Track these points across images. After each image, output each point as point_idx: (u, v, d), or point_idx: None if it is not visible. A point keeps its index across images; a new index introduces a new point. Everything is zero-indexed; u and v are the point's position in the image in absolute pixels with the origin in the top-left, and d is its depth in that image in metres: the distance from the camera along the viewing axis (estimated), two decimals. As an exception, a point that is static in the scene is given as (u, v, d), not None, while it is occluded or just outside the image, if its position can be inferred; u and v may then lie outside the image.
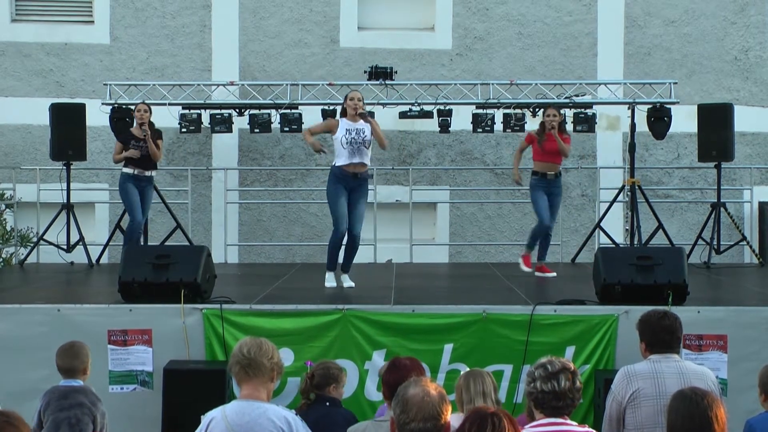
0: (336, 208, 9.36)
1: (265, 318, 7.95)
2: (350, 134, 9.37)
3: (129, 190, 10.78)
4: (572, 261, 12.85)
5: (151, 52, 14.26)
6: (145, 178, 10.87)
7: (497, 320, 7.89)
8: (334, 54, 14.33)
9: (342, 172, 9.33)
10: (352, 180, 9.35)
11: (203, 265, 8.18)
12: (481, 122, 12.73)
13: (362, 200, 9.43)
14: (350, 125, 9.41)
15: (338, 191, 9.34)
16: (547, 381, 4.29)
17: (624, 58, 14.36)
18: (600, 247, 10.94)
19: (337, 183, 9.35)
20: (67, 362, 6.15)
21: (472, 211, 14.34)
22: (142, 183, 10.86)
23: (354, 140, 9.35)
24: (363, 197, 9.44)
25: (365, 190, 9.49)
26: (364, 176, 9.43)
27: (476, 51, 14.37)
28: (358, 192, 9.40)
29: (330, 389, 6.38)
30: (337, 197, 9.34)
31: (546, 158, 10.59)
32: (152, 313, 7.93)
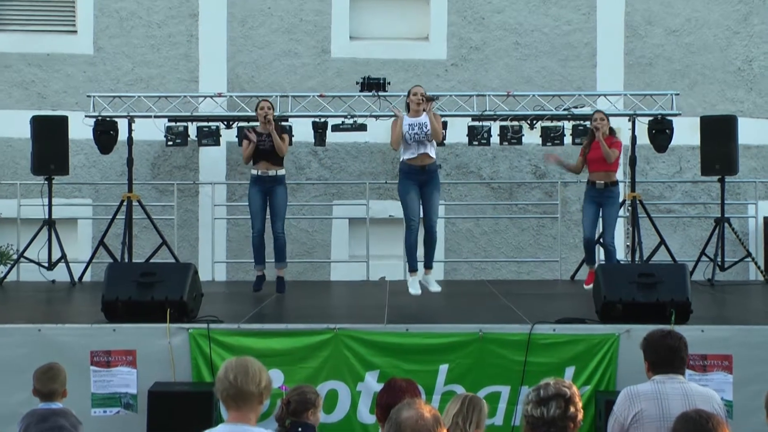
0: (406, 202, 9.60)
1: (253, 338, 7.93)
2: (413, 129, 9.64)
3: (251, 196, 10.56)
4: (571, 278, 12.83)
5: (136, 63, 14.26)
6: (269, 179, 10.54)
7: (494, 340, 7.87)
8: (325, 65, 14.34)
9: (410, 168, 9.60)
10: (421, 173, 9.59)
11: (190, 283, 8.16)
12: (477, 135, 12.72)
13: (435, 192, 9.70)
14: (412, 120, 9.68)
15: (408, 187, 9.62)
16: (538, 407, 4.28)
17: (624, 68, 14.39)
18: (600, 263, 10.93)
19: (407, 179, 9.64)
20: (47, 385, 6.12)
21: (468, 226, 14.33)
22: (267, 184, 10.54)
23: (417, 135, 9.61)
24: (436, 189, 9.71)
25: (437, 183, 9.74)
26: (432, 168, 9.68)
27: (472, 61, 14.39)
28: (430, 185, 9.66)
29: (308, 415, 6.27)
30: (407, 192, 9.60)
31: (593, 167, 10.66)
32: (137, 333, 7.90)
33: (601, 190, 10.58)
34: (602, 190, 10.58)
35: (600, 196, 10.60)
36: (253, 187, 10.58)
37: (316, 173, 14.27)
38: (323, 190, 14.26)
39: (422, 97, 9.71)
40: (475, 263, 14.24)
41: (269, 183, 10.54)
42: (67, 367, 6.30)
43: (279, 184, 10.60)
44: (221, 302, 10.24)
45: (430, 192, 9.67)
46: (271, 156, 10.52)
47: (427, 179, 9.65)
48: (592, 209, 10.64)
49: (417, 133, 9.62)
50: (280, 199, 10.58)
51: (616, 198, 10.78)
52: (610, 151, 10.45)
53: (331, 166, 14.28)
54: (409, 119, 9.72)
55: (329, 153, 14.16)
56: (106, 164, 14.00)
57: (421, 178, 9.63)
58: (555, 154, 10.78)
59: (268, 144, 10.49)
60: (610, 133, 10.58)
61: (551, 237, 14.10)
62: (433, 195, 9.69)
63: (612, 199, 10.67)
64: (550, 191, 14.15)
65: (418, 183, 9.63)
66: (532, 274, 14.08)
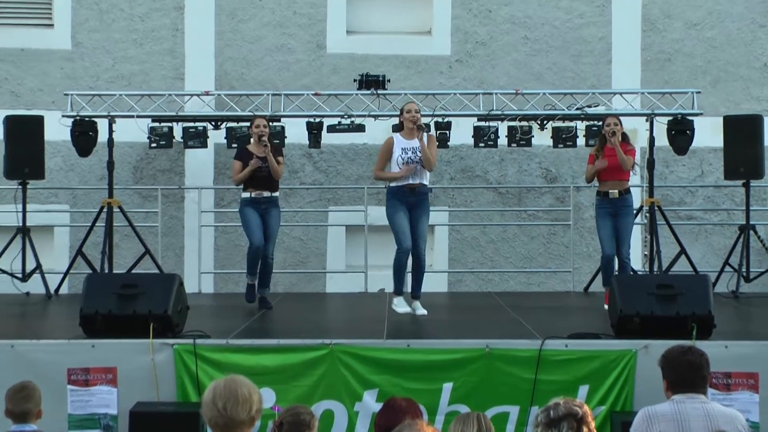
0: (396, 222, 9.63)
1: (243, 354, 7.93)
2: (406, 153, 9.65)
3: (247, 214, 10.49)
4: (585, 290, 12.84)
5: (117, 59, 14.26)
6: (265, 200, 10.55)
7: (502, 356, 7.87)
8: (321, 61, 14.35)
9: (398, 188, 9.63)
10: (411, 195, 9.63)
11: (174, 295, 8.17)
12: (484, 136, 12.73)
13: (424, 218, 9.71)
14: (405, 143, 9.68)
15: (396, 208, 9.64)
16: (548, 428, 4.27)
17: (641, 64, 14.39)
18: (616, 274, 10.93)
19: (395, 200, 9.65)
20: (20, 406, 6.10)
21: (474, 234, 14.33)
22: (263, 205, 10.54)
23: (411, 160, 9.62)
24: (425, 215, 9.73)
25: (427, 207, 9.78)
26: (422, 191, 9.70)
27: (478, 57, 14.40)
28: (420, 208, 9.69)
29: None
30: (395, 213, 9.63)
31: (606, 175, 10.58)
32: (117, 349, 7.90)
33: (616, 200, 10.55)
34: (617, 200, 10.55)
35: (614, 207, 10.56)
36: (247, 207, 10.55)
37: (310, 177, 14.27)
38: (318, 195, 14.26)
39: (417, 120, 9.62)
40: (482, 274, 14.23)
41: (265, 204, 10.57)
42: (42, 385, 6.28)
43: (274, 205, 10.64)
44: (208, 316, 10.23)
45: (419, 216, 9.69)
46: (268, 181, 10.55)
47: (417, 202, 9.67)
48: (609, 223, 10.55)
49: (411, 158, 9.61)
50: (274, 220, 10.61)
51: (631, 207, 10.76)
52: (626, 158, 10.41)
53: (326, 169, 14.28)
54: (402, 142, 9.69)
55: (324, 155, 14.16)
56: (85, 168, 13.99)
57: (410, 200, 9.67)
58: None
59: (265, 170, 10.48)
60: (623, 139, 10.56)
61: (563, 246, 14.10)
62: (422, 220, 9.71)
63: (627, 208, 10.64)
64: (562, 196, 14.15)
65: (407, 205, 9.66)
66: (542, 285, 14.08)
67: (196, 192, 13.74)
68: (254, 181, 10.50)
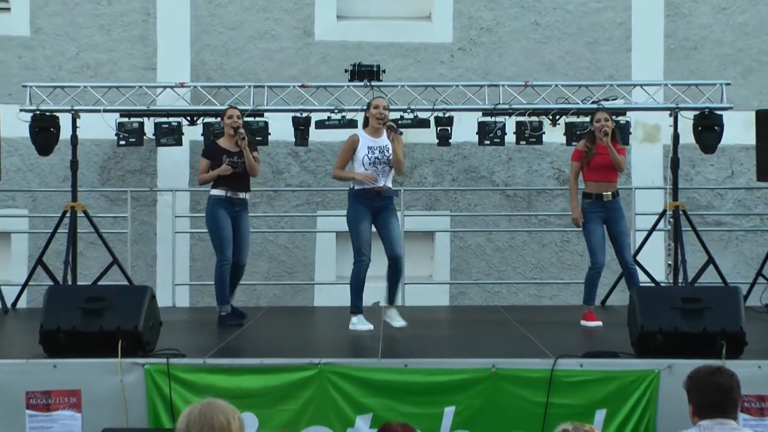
0: (358, 232, 9.77)
1: (222, 375, 7.92)
2: (373, 153, 9.80)
3: (220, 219, 10.52)
4: (602, 304, 12.83)
5: (82, 47, 14.26)
6: (239, 201, 10.64)
7: (510, 377, 7.87)
8: (308, 49, 14.35)
9: (364, 193, 9.76)
10: (376, 200, 9.79)
11: (146, 309, 8.15)
12: (489, 132, 12.73)
13: (392, 219, 9.88)
14: (373, 142, 9.83)
15: (359, 214, 9.79)
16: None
17: (664, 53, 14.41)
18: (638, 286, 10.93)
19: (358, 204, 9.79)
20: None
21: (479, 242, 14.33)
22: (237, 208, 10.62)
23: (378, 160, 9.78)
24: (392, 216, 9.90)
25: (393, 208, 9.95)
26: (388, 194, 9.88)
27: (482, 45, 14.41)
28: (386, 211, 9.86)
29: None
30: (359, 221, 9.77)
31: (598, 175, 10.60)
32: (82, 369, 7.88)
33: (609, 203, 10.59)
34: (609, 202, 10.60)
35: (606, 211, 10.59)
36: (218, 209, 10.58)
37: (296, 178, 14.27)
38: (305, 198, 14.26)
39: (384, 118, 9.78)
40: (487, 286, 14.23)
41: (238, 206, 10.63)
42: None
43: (245, 208, 10.75)
44: (183, 332, 10.22)
45: (388, 218, 9.86)
46: (243, 179, 10.61)
47: (383, 206, 9.86)
48: (601, 229, 10.60)
49: (378, 158, 9.78)
50: (246, 225, 10.74)
51: (622, 210, 10.83)
52: (621, 159, 10.47)
53: (314, 169, 14.27)
54: (368, 140, 9.83)
55: (312, 154, 14.16)
56: (46, 168, 13.99)
57: (376, 204, 9.82)
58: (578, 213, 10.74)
59: (240, 167, 10.55)
60: (614, 137, 10.59)
61: (577, 254, 14.10)
62: (391, 222, 9.87)
63: (620, 211, 10.71)
64: (577, 200, 14.14)
65: (372, 210, 9.80)
66: (554, 298, 14.08)
67: (169, 195, 13.73)
68: (229, 179, 10.53)
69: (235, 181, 10.55)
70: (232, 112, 10.70)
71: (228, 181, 10.54)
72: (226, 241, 10.55)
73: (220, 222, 10.53)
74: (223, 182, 10.55)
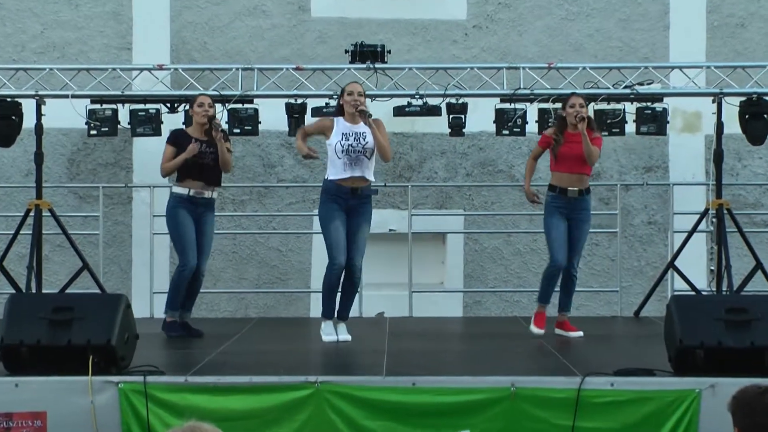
0: (330, 233, 9.91)
1: (206, 395, 7.93)
2: (347, 140, 9.90)
3: (181, 220, 10.57)
4: (635, 314, 12.84)
5: (48, 24, 14.26)
6: (204, 202, 10.66)
7: (531, 398, 7.87)
8: (304, 26, 14.35)
9: (336, 188, 9.88)
10: (350, 197, 9.91)
11: (120, 321, 8.15)
12: (508, 121, 12.74)
13: (364, 224, 10.00)
14: (348, 128, 9.96)
15: (332, 213, 9.91)
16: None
17: (707, 31, 14.40)
18: (674, 295, 10.94)
19: (331, 202, 9.92)
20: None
21: (496, 244, 14.33)
22: (200, 208, 10.64)
23: (352, 148, 9.89)
24: (365, 221, 10.01)
25: (367, 212, 10.05)
26: (366, 192, 9.98)
27: (500, 22, 14.41)
28: (358, 213, 9.97)
29: None
30: (331, 220, 9.90)
31: (566, 167, 10.53)
32: (48, 389, 7.88)
33: (574, 201, 10.52)
34: (575, 200, 10.52)
35: (570, 209, 10.52)
36: (179, 208, 10.62)
37: (290, 173, 14.28)
38: (301, 195, 14.26)
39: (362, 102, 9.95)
40: (505, 294, 14.24)
41: (202, 207, 10.67)
42: (-47, 434, 6.30)
43: (210, 209, 10.78)
44: (162, 347, 10.22)
45: (358, 224, 9.99)
46: (212, 172, 10.64)
47: (356, 205, 9.97)
48: (562, 225, 10.57)
49: (353, 146, 9.91)
50: (210, 228, 10.79)
51: (589, 211, 10.70)
52: (595, 151, 10.39)
53: (310, 163, 14.23)
54: (343, 126, 9.98)
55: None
56: (6, 161, 14.00)
57: (350, 203, 9.95)
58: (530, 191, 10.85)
59: (210, 157, 10.58)
60: (589, 125, 10.53)
61: (608, 259, 14.11)
62: (361, 228, 10.01)
63: (586, 212, 10.58)
64: (607, 197, 14.16)
65: (345, 209, 9.94)
66: (582, 308, 14.06)
67: (147, 191, 13.73)
68: (194, 173, 10.58)
69: (203, 174, 10.58)
70: (203, 100, 10.72)
71: (194, 174, 10.56)
72: (190, 245, 10.60)
73: (181, 222, 10.59)
74: (188, 175, 10.58)
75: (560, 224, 10.54)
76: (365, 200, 10.02)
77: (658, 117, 12.77)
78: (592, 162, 10.49)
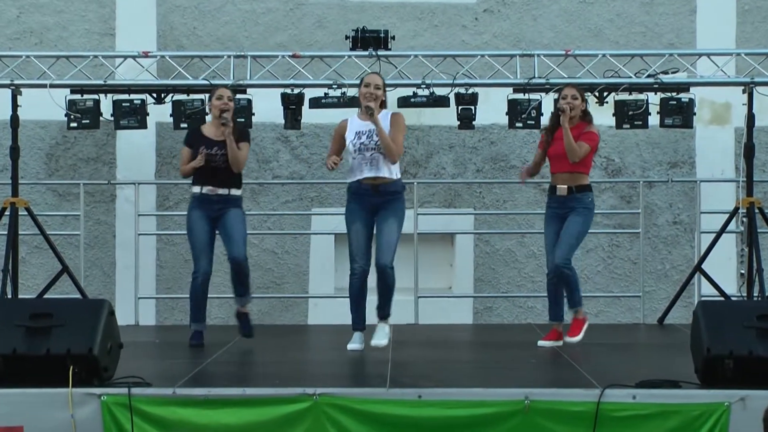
0: (350, 236, 10.07)
1: (196, 408, 7.93)
2: (359, 138, 9.98)
3: (192, 225, 10.69)
4: (659, 321, 12.84)
5: (24, 8, 14.27)
6: (219, 199, 10.68)
7: (546, 411, 7.88)
8: (301, 11, 14.35)
9: (357, 187, 10.02)
10: (373, 195, 9.97)
11: (102, 328, 8.16)
12: (522, 113, 12.75)
13: (392, 219, 10.01)
14: (361, 125, 10.03)
15: (353, 214, 10.06)
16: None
17: (737, 15, 14.40)
18: (701, 300, 10.93)
19: (353, 202, 10.06)
20: None
21: (508, 246, 14.34)
22: (217, 205, 10.67)
23: (364, 146, 9.96)
24: (393, 215, 10.03)
25: (395, 209, 10.06)
26: (390, 189, 10.01)
27: (513, 6, 14.41)
28: (386, 210, 10.01)
29: None
30: (351, 222, 10.07)
31: (555, 165, 10.58)
32: (25, 401, 7.89)
33: (564, 199, 10.52)
34: (564, 198, 10.52)
35: (562, 207, 10.52)
36: (193, 210, 10.71)
37: (287, 168, 14.28)
38: (298, 193, 14.27)
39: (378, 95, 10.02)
40: (519, 300, 14.24)
41: (219, 204, 10.67)
42: None
43: (232, 204, 10.75)
44: (149, 356, 10.24)
45: (385, 218, 10.02)
46: (224, 175, 10.64)
47: (382, 203, 10.02)
48: (554, 228, 10.58)
49: (365, 144, 9.97)
50: (233, 218, 10.69)
51: (584, 210, 10.57)
52: (575, 146, 10.34)
53: (308, 158, 14.29)
54: (357, 124, 10.05)
55: (306, 139, 14.18)
56: (-19, 155, 14.02)
57: (375, 201, 9.99)
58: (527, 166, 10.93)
59: (220, 159, 10.60)
60: (583, 118, 10.53)
61: (630, 261, 14.11)
62: (388, 222, 10.01)
63: (579, 210, 10.54)
64: (628, 195, 14.16)
65: (369, 208, 10.01)
66: (601, 315, 14.08)
67: (131, 189, 13.75)
68: (205, 173, 10.60)
69: (215, 177, 10.61)
70: (221, 92, 10.73)
71: (205, 176, 10.61)
72: (198, 250, 10.69)
73: (192, 228, 10.69)
74: (199, 177, 10.64)
75: (551, 225, 10.61)
76: (391, 196, 10.02)
77: (684, 108, 12.77)
78: (572, 160, 10.39)
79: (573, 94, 10.50)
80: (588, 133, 10.49)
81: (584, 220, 10.57)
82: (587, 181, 10.59)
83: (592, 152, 10.55)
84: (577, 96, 10.52)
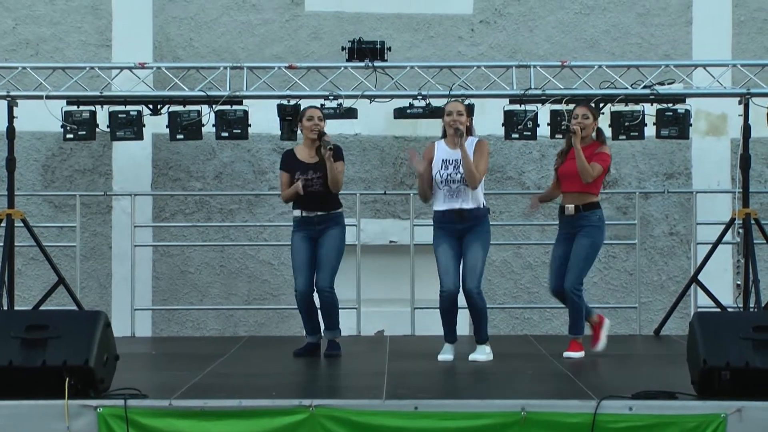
0: (438, 258, 10.18)
1: (192, 420, 7.92)
2: (446, 168, 10.08)
3: (294, 246, 10.75)
4: (656, 333, 12.84)
5: (20, 20, 14.27)
6: (319, 219, 10.67)
7: (543, 423, 7.86)
8: (297, 22, 14.36)
9: (441, 216, 10.14)
10: (457, 222, 10.07)
11: (99, 340, 8.15)
12: (518, 124, 12.76)
13: (476, 244, 10.11)
14: (449, 154, 10.09)
15: (438, 239, 10.19)
16: None
17: (733, 26, 14.41)
18: (698, 311, 10.93)
19: (439, 230, 10.16)
20: None
21: (505, 257, 14.33)
22: (319, 226, 10.67)
23: (451, 178, 10.05)
24: (477, 240, 10.14)
25: (479, 232, 10.16)
26: (474, 215, 10.10)
27: (510, 17, 14.42)
28: (471, 233, 10.12)
29: None
30: (438, 245, 10.20)
31: (565, 184, 10.58)
32: (20, 414, 7.87)
33: (572, 219, 10.52)
34: (573, 218, 10.51)
35: (570, 227, 10.53)
36: (295, 231, 10.79)
37: (282, 180, 14.28)
38: (294, 204, 14.26)
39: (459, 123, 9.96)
40: (515, 311, 14.24)
41: (320, 224, 10.69)
42: None
43: (333, 223, 10.73)
44: (145, 368, 10.23)
45: (469, 242, 10.11)
46: (319, 199, 10.64)
47: (466, 229, 10.12)
48: (559, 250, 10.65)
49: (451, 176, 10.04)
50: (329, 241, 10.66)
51: (592, 228, 10.54)
52: (588, 167, 10.32)
53: (304, 169, 14.28)
54: (444, 151, 10.10)
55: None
56: (-23, 167, 14.01)
57: (459, 226, 10.10)
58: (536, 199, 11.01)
59: (317, 183, 10.57)
60: (597, 138, 10.54)
61: (626, 272, 14.11)
62: (473, 247, 10.09)
63: (587, 229, 10.51)
64: (625, 206, 14.17)
65: (455, 234, 10.12)
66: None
67: (127, 200, 13.73)
68: (304, 198, 10.62)
69: (311, 203, 10.63)
70: (312, 113, 10.72)
71: (304, 200, 10.64)
72: (297, 270, 10.74)
73: (294, 248, 10.77)
74: (298, 200, 10.68)
75: (559, 246, 10.68)
76: (475, 221, 10.12)
77: (680, 119, 12.78)
78: (585, 180, 10.40)
79: (584, 113, 10.50)
80: (600, 153, 10.49)
81: (592, 241, 10.58)
82: (595, 198, 10.59)
83: (603, 173, 10.56)
84: (588, 115, 10.51)
